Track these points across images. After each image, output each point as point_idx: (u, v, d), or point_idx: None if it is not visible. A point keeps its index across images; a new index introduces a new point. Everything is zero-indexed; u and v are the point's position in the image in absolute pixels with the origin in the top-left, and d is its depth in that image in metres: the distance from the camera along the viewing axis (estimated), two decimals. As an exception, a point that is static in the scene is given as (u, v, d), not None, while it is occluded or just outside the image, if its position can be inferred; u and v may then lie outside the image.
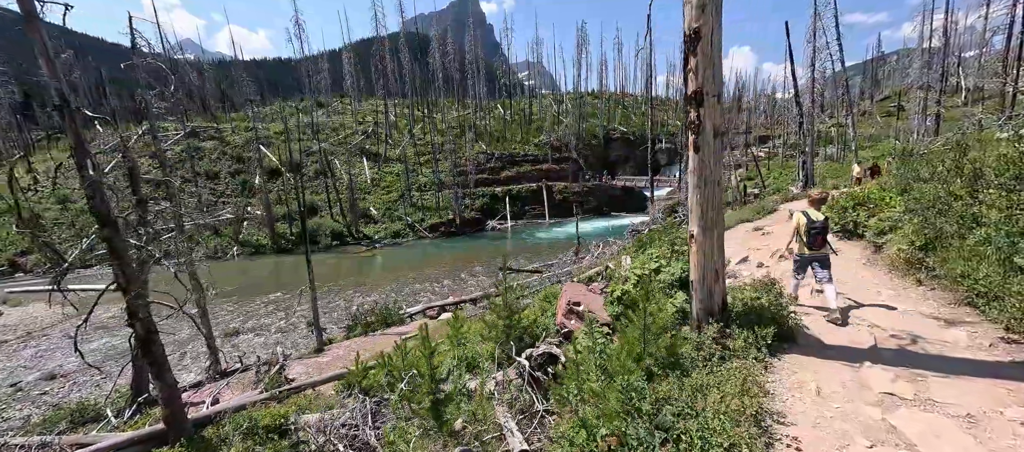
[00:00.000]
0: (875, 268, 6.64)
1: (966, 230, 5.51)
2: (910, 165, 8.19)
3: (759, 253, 8.79)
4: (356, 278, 20.80)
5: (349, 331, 7.96)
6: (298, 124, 43.62)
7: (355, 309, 9.35)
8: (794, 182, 25.20)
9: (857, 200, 8.55)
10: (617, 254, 10.30)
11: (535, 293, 9.05)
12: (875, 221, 7.56)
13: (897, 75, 66.32)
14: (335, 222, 29.88)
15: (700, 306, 4.10)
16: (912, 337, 4.30)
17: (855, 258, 7.25)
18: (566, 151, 41.04)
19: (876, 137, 33.08)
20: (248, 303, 17.63)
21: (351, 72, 50.53)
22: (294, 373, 6.48)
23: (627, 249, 9.75)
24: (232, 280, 22.13)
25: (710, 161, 3.80)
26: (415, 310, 9.08)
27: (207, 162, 34.12)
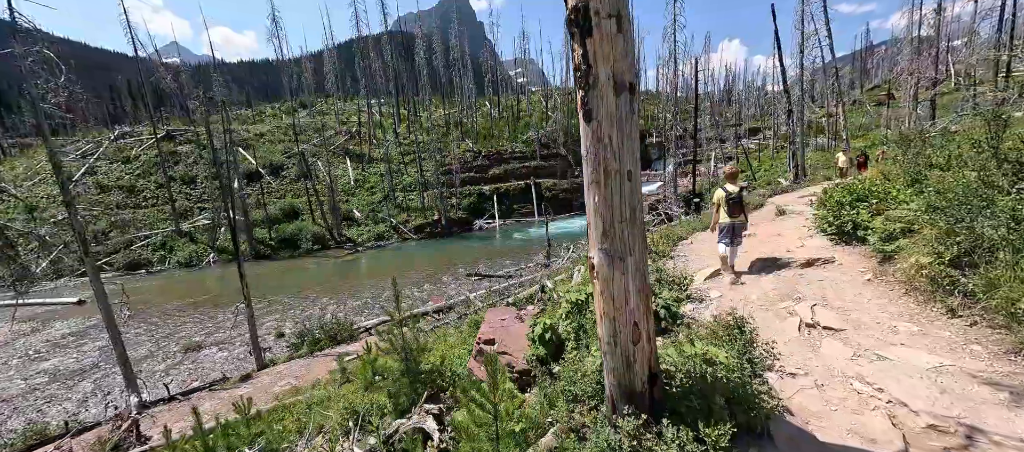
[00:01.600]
0: (884, 286, 5.08)
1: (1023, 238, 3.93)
2: (920, 149, 6.95)
3: (738, 264, 6.92)
4: (334, 284, 19.95)
5: (294, 350, 7.15)
6: (281, 125, 42.50)
7: (301, 326, 8.47)
8: (785, 174, 24.65)
9: (855, 194, 7.11)
10: (573, 263, 9.44)
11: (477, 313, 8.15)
12: (881, 222, 5.86)
13: (886, 64, 66.29)
14: (317, 225, 28.93)
15: (613, 380, 2.54)
16: (965, 431, 2.56)
17: (855, 270, 5.74)
18: (555, 147, 40.30)
19: (867, 126, 32.70)
20: (217, 313, 16.76)
21: (333, 72, 49.43)
22: (172, 425, 5.47)
23: (584, 258, 8.73)
24: (207, 289, 21.23)
25: (613, 137, 2.24)
26: (370, 324, 8.24)
27: (183, 167, 32.97)
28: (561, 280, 8.66)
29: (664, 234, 9.49)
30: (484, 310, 6.73)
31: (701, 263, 7.40)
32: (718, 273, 6.31)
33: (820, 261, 6.26)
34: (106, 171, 31.32)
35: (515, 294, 8.42)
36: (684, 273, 6.27)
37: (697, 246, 8.78)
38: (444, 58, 54.36)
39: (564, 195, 36.26)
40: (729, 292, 5.59)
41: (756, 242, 8.09)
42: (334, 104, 50.41)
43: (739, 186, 6.10)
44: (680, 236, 9.49)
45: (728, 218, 6.11)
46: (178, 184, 31.54)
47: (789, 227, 8.85)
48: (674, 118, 19.11)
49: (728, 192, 6.06)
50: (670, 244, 8.82)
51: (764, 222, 10.38)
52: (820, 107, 39.83)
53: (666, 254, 7.91)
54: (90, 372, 12.24)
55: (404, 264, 23.53)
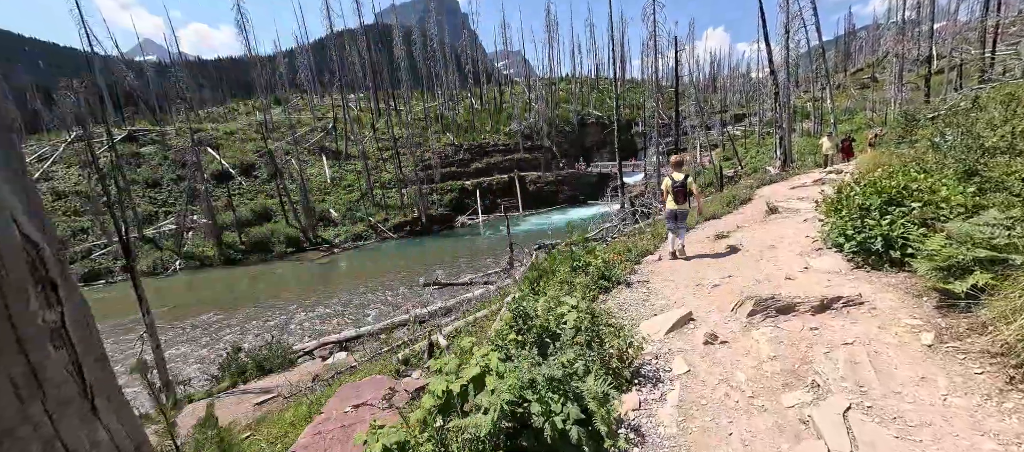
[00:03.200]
0: (965, 363, 3.02)
1: None
2: (966, 127, 5.37)
3: (716, 298, 4.88)
4: (305, 289, 18.84)
5: (216, 382, 6.22)
6: (253, 123, 40.71)
7: (224, 354, 7.39)
8: (772, 161, 24.11)
9: (884, 192, 5.05)
10: (513, 285, 7.41)
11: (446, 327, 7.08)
12: (941, 242, 3.70)
13: (868, 48, 66.47)
14: (291, 227, 27.63)
15: None
16: None
17: (902, 323, 3.64)
18: (538, 139, 39.34)
19: (852, 110, 32.41)
20: (175, 325, 15.62)
21: (308, 65, 47.59)
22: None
23: (526, 279, 6.34)
24: (169, 299, 19.93)
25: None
26: (312, 346, 7.21)
27: (147, 169, 31.24)
28: (485, 317, 6.32)
29: (623, 247, 7.32)
30: (333, 388, 4.69)
31: (668, 296, 5.23)
32: (689, 319, 4.46)
33: (841, 302, 4.10)
34: (63, 176, 29.48)
35: (461, 315, 6.94)
36: (633, 324, 4.35)
37: (666, 263, 6.52)
38: (425, 50, 52.72)
39: (549, 188, 35.43)
40: (701, 363, 3.66)
41: (745, 258, 6.09)
42: (310, 100, 48.57)
43: (684, 174, 6.42)
44: (645, 249, 7.30)
45: (675, 205, 6.45)
46: (141, 187, 29.87)
47: (785, 234, 7.02)
48: (656, 106, 18.34)
49: (674, 181, 6.36)
50: (630, 263, 6.53)
51: (753, 225, 8.40)
52: (804, 91, 39.49)
53: (620, 280, 5.76)
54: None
55: (382, 265, 22.50)
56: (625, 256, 6.68)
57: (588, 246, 6.55)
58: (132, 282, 5.23)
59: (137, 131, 34.58)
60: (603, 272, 5.67)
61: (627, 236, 9.76)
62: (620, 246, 7.23)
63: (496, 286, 6.97)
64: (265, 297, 18.33)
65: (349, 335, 6.33)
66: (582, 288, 5.01)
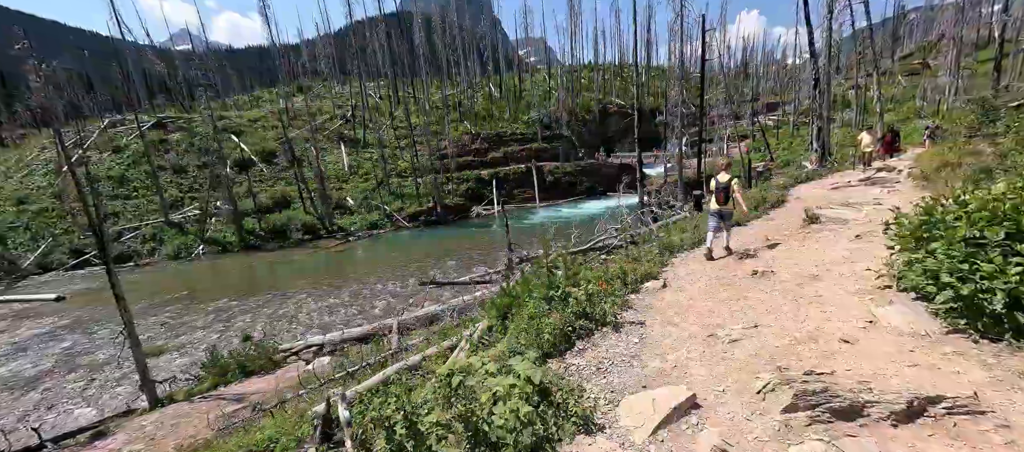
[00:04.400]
0: None
1: None
2: None
3: (734, 366, 3.36)
4: (318, 277, 18.92)
5: (197, 382, 5.99)
6: (276, 111, 41.28)
7: (212, 349, 7.09)
8: (807, 154, 22.45)
9: (1011, 217, 3.47)
10: (482, 313, 5.75)
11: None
12: None
13: (920, 31, 61.44)
14: (308, 215, 27.93)
15: None
16: None
17: None
18: (557, 128, 38.29)
19: (899, 99, 29.87)
20: (192, 310, 15.93)
21: (328, 54, 47.85)
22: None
23: (493, 307, 4.91)
24: (189, 283, 20.46)
25: None
26: (299, 346, 6.88)
27: (175, 155, 32.15)
28: (436, 354, 4.67)
29: (622, 267, 5.78)
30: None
31: (666, 353, 3.78)
32: (691, 406, 3.02)
33: (941, 405, 2.54)
34: (96, 161, 30.69)
35: (422, 343, 5.75)
36: (611, 402, 3.11)
37: (671, 295, 5.04)
38: (446, 37, 52.07)
39: (567, 179, 34.50)
40: None
41: (779, 294, 4.57)
42: (331, 88, 48.90)
43: (729, 176, 6.66)
44: (647, 272, 5.84)
45: (715, 205, 6.76)
46: (169, 173, 30.79)
47: (832, 256, 5.47)
48: (680, 95, 17.15)
49: (718, 182, 6.69)
50: (623, 294, 5.11)
51: (788, 238, 6.87)
52: (846, 78, 36.79)
53: (607, 321, 4.36)
54: (41, 380, 11.40)
55: (394, 255, 22.42)
56: (620, 283, 5.43)
57: (574, 266, 5.40)
58: (108, 276, 4.98)
59: (166, 118, 35.61)
60: (584, 308, 4.35)
61: (638, 242, 8.30)
62: (615, 268, 5.75)
63: (494, 288, 6.38)
64: (279, 284, 18.52)
65: (335, 338, 5.95)
66: (552, 334, 3.87)
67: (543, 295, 4.52)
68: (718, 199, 6.71)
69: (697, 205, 10.58)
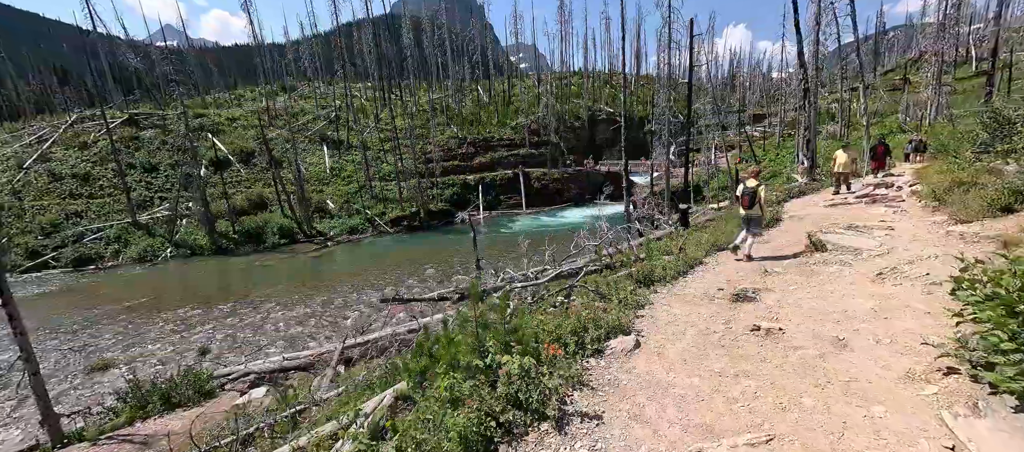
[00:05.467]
0: None
1: None
2: None
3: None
4: (291, 285, 17.98)
5: (113, 416, 5.19)
6: (256, 110, 40.08)
7: (130, 378, 6.06)
8: (793, 165, 22.39)
9: None
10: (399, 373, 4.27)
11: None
12: None
13: (899, 48, 63.16)
14: (285, 218, 26.88)
15: None
16: None
17: None
18: (545, 134, 37.92)
19: (882, 113, 30.30)
20: (151, 319, 14.90)
21: (312, 54, 46.86)
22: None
23: (406, 373, 3.56)
24: (154, 288, 19.29)
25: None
26: (238, 373, 5.99)
27: (145, 153, 30.79)
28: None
29: (578, 321, 4.20)
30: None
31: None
32: None
33: None
34: (61, 157, 29.17)
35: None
36: None
37: (644, 363, 3.79)
38: (435, 40, 51.47)
39: (554, 185, 34.06)
40: None
41: (791, 370, 3.50)
42: (315, 88, 47.80)
43: (756, 183, 6.72)
44: (615, 324, 4.33)
45: (744, 210, 6.85)
46: (139, 172, 29.42)
47: (855, 307, 4.28)
48: (667, 103, 16.87)
49: (746, 187, 6.78)
50: (573, 367, 3.65)
51: (789, 270, 5.74)
52: (829, 92, 37.30)
53: (547, 413, 3.08)
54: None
55: (373, 262, 21.57)
56: (577, 343, 3.95)
57: (520, 315, 3.94)
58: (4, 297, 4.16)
59: (138, 115, 34.17)
60: (517, 391, 3.03)
61: (615, 266, 7.03)
62: (573, 319, 4.17)
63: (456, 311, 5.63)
64: (248, 292, 17.53)
65: (272, 366, 5.20)
66: (459, 442, 2.65)
67: (472, 360, 3.18)
68: (744, 203, 6.80)
69: (683, 220, 9.80)
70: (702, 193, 24.05)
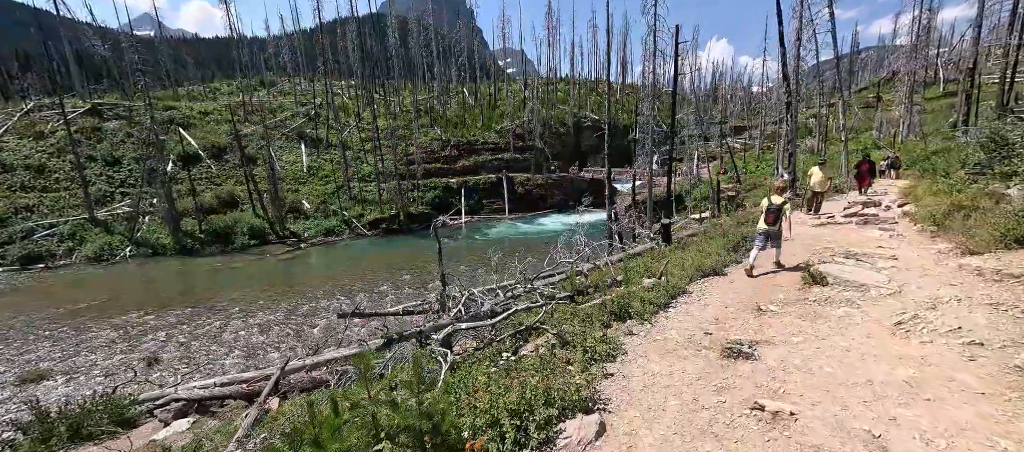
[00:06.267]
0: None
1: None
2: None
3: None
4: (258, 289, 17.02)
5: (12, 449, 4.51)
6: (231, 104, 38.58)
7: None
8: (773, 178, 22.64)
9: None
10: None
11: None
12: None
13: (872, 68, 65.61)
14: (257, 217, 25.73)
15: None
16: None
17: None
18: (530, 139, 37.65)
19: (857, 129, 31.15)
20: (99, 323, 13.81)
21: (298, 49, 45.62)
22: None
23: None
24: (112, 289, 18.00)
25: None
26: (165, 399, 5.19)
27: (108, 145, 29.13)
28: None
29: (522, 394, 3.10)
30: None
31: None
32: None
33: None
34: (14, 147, 27.29)
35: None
36: None
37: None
38: (421, 40, 50.76)
39: (538, 191, 33.79)
40: None
41: None
42: (295, 84, 46.44)
43: (782, 201, 6.68)
44: (574, 396, 3.32)
45: (765, 225, 6.81)
46: (99, 165, 27.78)
47: (888, 381, 3.49)
48: (651, 111, 16.77)
49: (771, 203, 6.76)
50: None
51: (787, 310, 5.01)
52: (807, 107, 38.25)
53: None
54: None
55: (345, 267, 20.72)
56: (517, 432, 2.89)
57: (446, 391, 3.24)
58: None
59: (102, 104, 32.39)
60: None
61: (588, 291, 6.31)
62: (514, 394, 3.12)
63: (425, 328, 4.85)
64: (211, 295, 16.52)
65: (201, 395, 4.52)
66: None
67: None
68: (767, 220, 6.76)
69: (665, 236, 9.37)
70: (684, 202, 24.09)
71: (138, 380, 9.48)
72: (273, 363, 10.46)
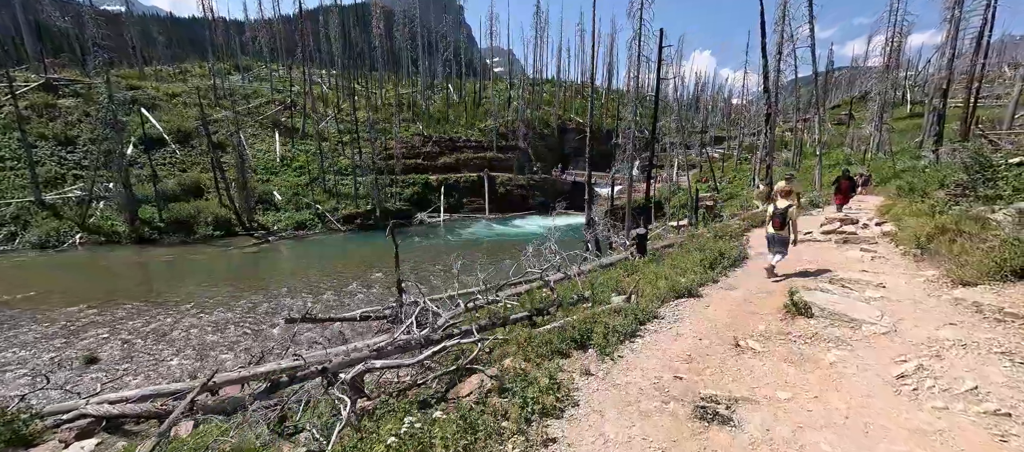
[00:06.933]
0: None
1: None
2: None
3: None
4: (217, 283, 16.06)
5: None
6: (202, 87, 36.77)
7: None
8: (750, 190, 23.02)
9: None
10: None
11: None
12: None
13: (844, 88, 68.18)
14: (224, 207, 24.47)
15: None
16: None
17: None
18: (513, 139, 37.33)
19: (830, 144, 32.12)
20: (35, 317, 12.68)
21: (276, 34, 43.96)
22: None
23: None
24: (55, 279, 16.67)
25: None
26: (71, 414, 4.48)
27: (62, 124, 27.23)
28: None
29: None
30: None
31: None
32: None
33: None
34: (-46, 122, 25.18)
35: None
36: None
37: None
38: (406, 33, 49.71)
39: (519, 192, 33.50)
40: None
41: None
42: (270, 70, 44.73)
43: (787, 203, 6.72)
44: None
45: (772, 230, 6.87)
46: (51, 144, 25.92)
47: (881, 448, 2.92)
48: (634, 115, 16.70)
49: (776, 207, 6.80)
50: None
51: (772, 352, 4.46)
52: (783, 121, 39.26)
53: None
54: None
55: (314, 263, 19.85)
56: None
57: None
58: None
59: (58, 80, 30.29)
60: None
61: (551, 310, 5.74)
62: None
63: (382, 341, 4.36)
64: (165, 289, 15.49)
65: (111, 412, 3.87)
66: None
67: None
68: (774, 224, 6.78)
69: (640, 247, 9.07)
70: (663, 209, 24.23)
71: (58, 385, 8.62)
72: (225, 366, 9.76)
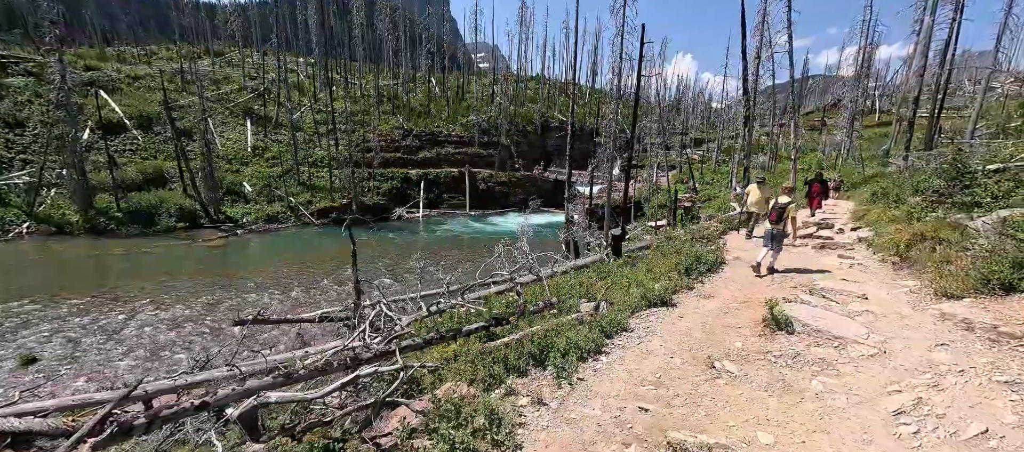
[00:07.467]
0: None
1: None
2: None
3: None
4: (178, 279, 15.16)
5: None
6: (167, 71, 34.91)
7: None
8: (728, 192, 23.38)
9: None
10: None
11: None
12: None
13: (817, 95, 70.54)
14: (188, 198, 23.27)
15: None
16: None
17: None
18: (496, 135, 36.95)
19: (804, 149, 33.08)
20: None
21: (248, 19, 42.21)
22: None
23: None
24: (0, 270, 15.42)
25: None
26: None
27: (10, 104, 25.34)
28: None
29: None
30: None
31: None
32: None
33: None
34: None
35: None
36: None
37: None
38: (388, 23, 48.50)
39: (501, 188, 33.20)
40: None
41: None
42: (243, 55, 42.91)
43: (788, 200, 6.87)
44: None
45: (769, 225, 6.94)
46: (-3, 126, 24.09)
47: None
48: (615, 114, 16.69)
49: (776, 203, 6.93)
50: None
51: (755, 377, 3.99)
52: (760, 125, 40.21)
53: None
54: None
55: (284, 257, 19.08)
56: None
57: None
58: None
59: (6, 57, 28.17)
60: None
61: (514, 319, 5.29)
62: None
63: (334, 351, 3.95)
64: (118, 283, 14.55)
65: (17, 427, 3.34)
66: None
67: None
68: (771, 218, 6.90)
69: (615, 249, 8.89)
70: (643, 209, 24.38)
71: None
72: (179, 366, 9.13)
